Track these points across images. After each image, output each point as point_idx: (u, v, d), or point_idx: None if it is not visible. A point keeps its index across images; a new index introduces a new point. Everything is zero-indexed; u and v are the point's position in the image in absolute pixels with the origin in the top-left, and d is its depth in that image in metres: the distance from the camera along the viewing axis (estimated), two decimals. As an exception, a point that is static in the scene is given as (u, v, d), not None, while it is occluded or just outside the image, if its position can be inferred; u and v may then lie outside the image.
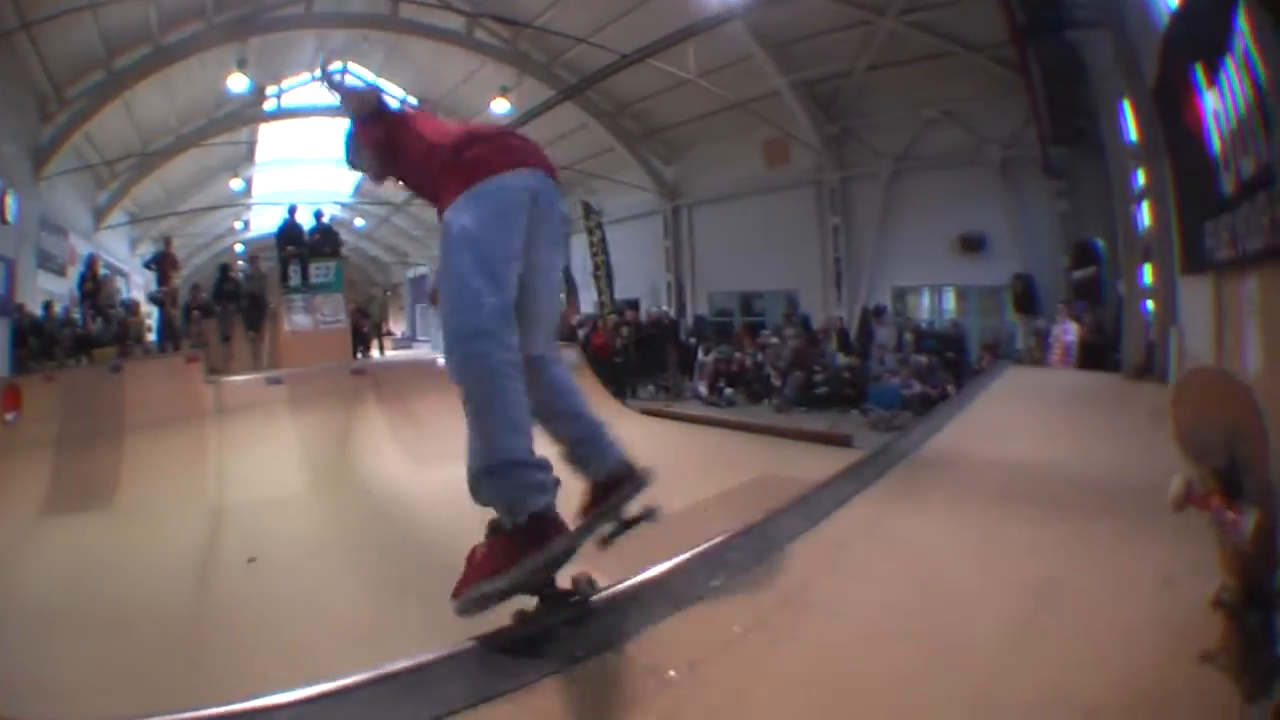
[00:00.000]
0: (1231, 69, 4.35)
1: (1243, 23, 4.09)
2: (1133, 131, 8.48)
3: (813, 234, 17.07)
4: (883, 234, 15.99)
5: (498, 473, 2.08)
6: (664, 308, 18.87)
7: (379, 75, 20.76)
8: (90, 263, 15.07)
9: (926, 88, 14.53)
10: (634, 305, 19.83)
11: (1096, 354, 10.69)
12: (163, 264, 14.90)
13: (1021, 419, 6.46)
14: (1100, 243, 12.01)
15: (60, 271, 16.23)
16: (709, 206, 19.95)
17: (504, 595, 2.09)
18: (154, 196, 23.18)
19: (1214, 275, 5.55)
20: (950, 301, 16.17)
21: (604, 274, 20.18)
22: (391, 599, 5.52)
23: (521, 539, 2.06)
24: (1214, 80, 4.77)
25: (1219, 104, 4.74)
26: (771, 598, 2.41)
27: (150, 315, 15.01)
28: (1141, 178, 8.57)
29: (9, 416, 10.71)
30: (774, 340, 15.07)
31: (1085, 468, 4.37)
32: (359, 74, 20.54)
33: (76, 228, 18.12)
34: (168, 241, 15.93)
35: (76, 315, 13.88)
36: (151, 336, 14.31)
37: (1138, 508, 2.85)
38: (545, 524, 2.10)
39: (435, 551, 6.39)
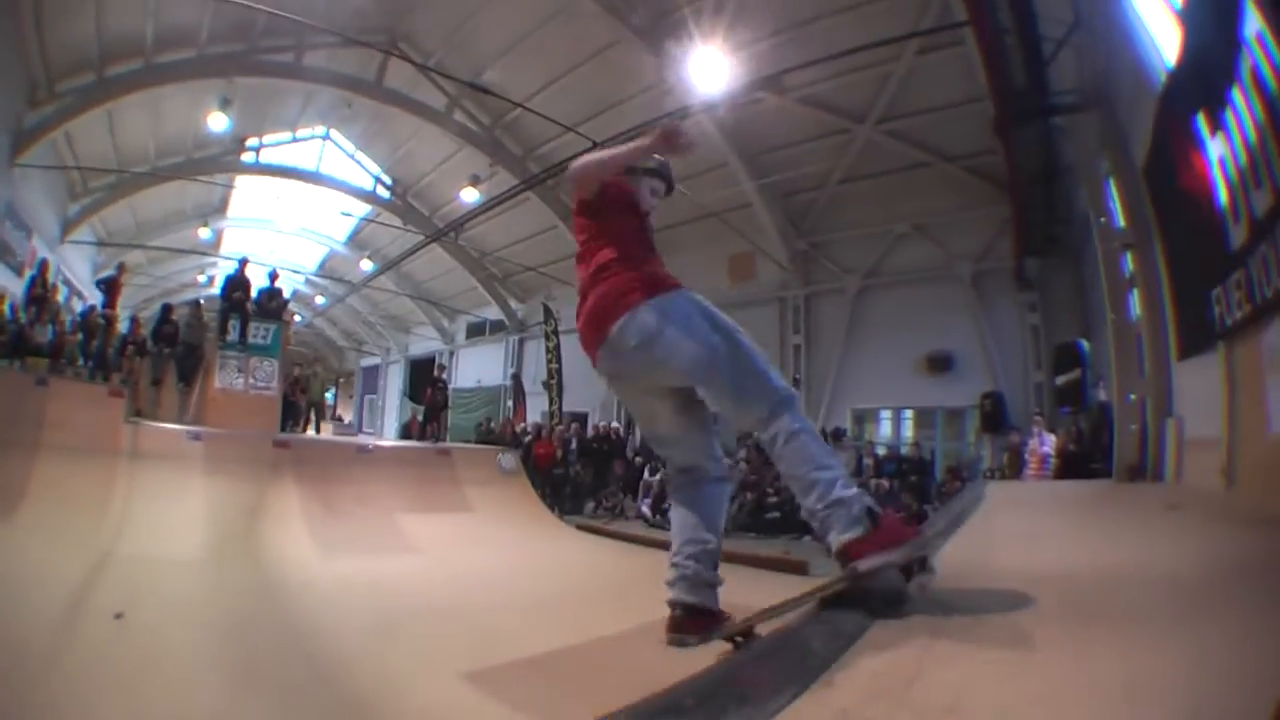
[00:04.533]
0: (1240, 100, 4.25)
1: (1250, 38, 4.02)
2: (1120, 216, 8.38)
3: (773, 353, 16.60)
4: (846, 354, 15.85)
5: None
6: (613, 424, 18.32)
7: (358, 145, 21.19)
8: (42, 267, 14.62)
9: (899, 201, 14.70)
10: (582, 419, 19.44)
11: (1075, 463, 10.39)
12: (111, 289, 14.57)
13: (1032, 526, 5.80)
14: (1085, 344, 11.80)
15: (17, 270, 15.86)
16: (667, 322, 19.62)
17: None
18: (124, 224, 23.05)
19: (1224, 344, 5.37)
20: (908, 425, 15.75)
21: (556, 383, 20.25)
22: (234, 693, 4.96)
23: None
24: (1219, 122, 4.67)
25: (1224, 148, 4.62)
26: None
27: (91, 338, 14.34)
28: (1130, 263, 8.43)
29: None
30: (725, 461, 14.58)
31: (1135, 566, 3.57)
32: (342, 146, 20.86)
33: (42, 231, 17.86)
34: (121, 267, 15.73)
35: (22, 317, 13.38)
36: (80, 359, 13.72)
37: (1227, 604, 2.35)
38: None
39: (310, 644, 5.83)
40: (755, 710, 1.90)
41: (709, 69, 12.21)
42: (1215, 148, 4.84)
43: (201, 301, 15.80)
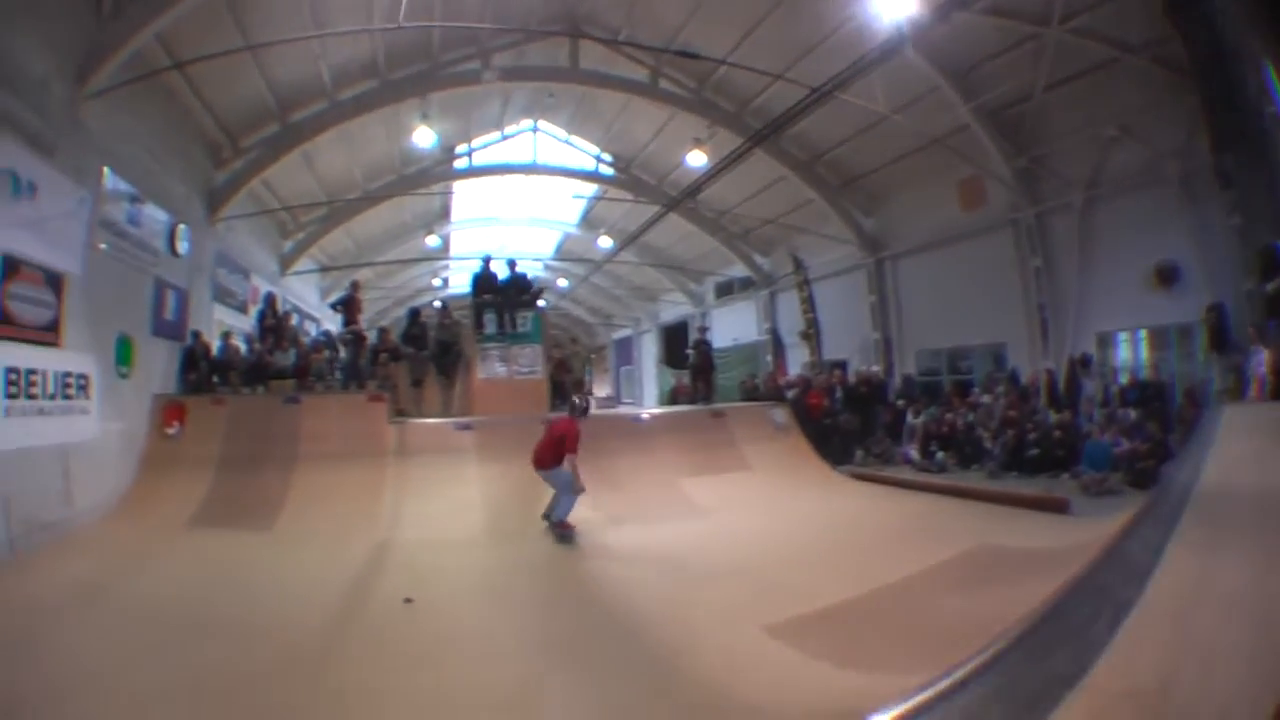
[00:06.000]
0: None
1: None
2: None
3: (1014, 279, 15.94)
4: (1082, 272, 14.72)
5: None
6: (873, 367, 18.02)
7: (569, 131, 21.40)
8: (269, 300, 15.68)
9: (1101, 102, 13.56)
10: (841, 365, 19.30)
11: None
12: (349, 306, 15.15)
13: (1255, 450, 6.01)
14: (1288, 245, 10.44)
15: (241, 308, 16.96)
16: (911, 258, 19.06)
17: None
18: (344, 248, 24.21)
19: None
20: (1143, 346, 14.39)
21: (815, 332, 20.34)
22: (535, 659, 5.17)
23: None
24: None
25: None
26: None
27: (337, 354, 15.13)
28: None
29: (171, 430, 11.26)
30: (984, 399, 14.24)
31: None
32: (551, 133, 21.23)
33: (261, 271, 18.85)
34: (355, 285, 16.20)
35: (257, 347, 14.27)
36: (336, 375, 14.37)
37: None
38: None
39: (600, 612, 6.23)
40: (1114, 608, 2.46)
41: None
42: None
43: (444, 303, 16.40)
